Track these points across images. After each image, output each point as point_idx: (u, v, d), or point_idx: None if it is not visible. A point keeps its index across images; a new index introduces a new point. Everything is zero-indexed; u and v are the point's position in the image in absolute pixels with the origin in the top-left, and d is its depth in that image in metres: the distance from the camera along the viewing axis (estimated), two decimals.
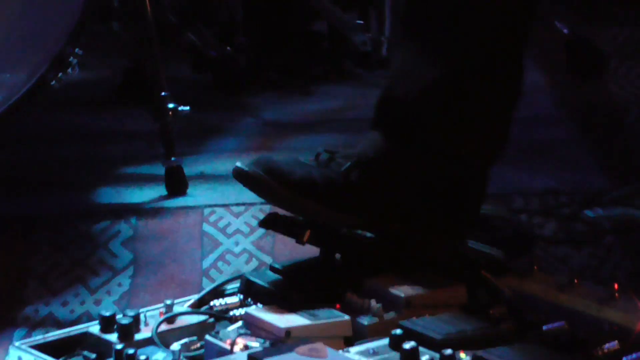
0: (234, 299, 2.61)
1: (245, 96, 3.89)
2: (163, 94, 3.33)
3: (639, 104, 3.72)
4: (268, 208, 2.99)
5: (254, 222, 3.20)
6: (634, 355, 2.33)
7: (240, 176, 2.85)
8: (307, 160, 2.92)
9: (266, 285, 2.66)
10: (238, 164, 2.86)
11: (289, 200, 2.82)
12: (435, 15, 2.90)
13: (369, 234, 2.87)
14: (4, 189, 3.37)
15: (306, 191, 2.83)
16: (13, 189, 3.40)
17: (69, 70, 3.29)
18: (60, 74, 3.28)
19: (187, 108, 3.33)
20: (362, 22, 4.07)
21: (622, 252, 3.05)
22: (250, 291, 2.62)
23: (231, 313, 2.56)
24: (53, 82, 3.25)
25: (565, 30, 3.98)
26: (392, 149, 2.91)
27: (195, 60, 3.95)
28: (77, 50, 3.28)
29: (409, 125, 2.93)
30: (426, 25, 2.93)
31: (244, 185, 2.87)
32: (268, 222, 2.89)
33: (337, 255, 2.84)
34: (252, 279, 2.69)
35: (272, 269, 2.76)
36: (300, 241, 2.74)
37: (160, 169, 3.34)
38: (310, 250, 2.76)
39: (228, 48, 3.90)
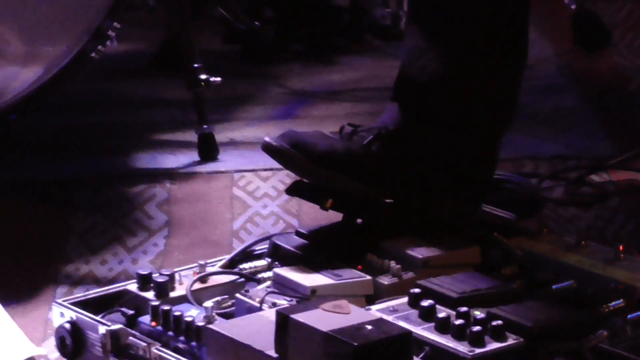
0: (262, 261, 2.61)
1: (272, 67, 3.91)
2: (196, 65, 3.34)
3: None
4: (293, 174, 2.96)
5: (281, 187, 3.20)
6: (638, 313, 2.33)
7: (268, 150, 2.86)
8: (331, 134, 2.94)
9: (292, 248, 2.67)
10: (266, 138, 2.87)
11: (313, 171, 2.82)
12: None
13: (387, 201, 2.88)
14: (47, 153, 3.38)
15: (329, 163, 2.84)
16: (55, 154, 3.41)
17: (108, 42, 3.29)
18: (99, 47, 3.28)
19: (218, 78, 3.34)
20: None
21: (626, 213, 3.06)
22: (278, 254, 2.63)
23: (260, 274, 2.56)
24: (93, 54, 3.25)
25: (572, 6, 3.99)
26: (410, 122, 2.91)
27: (226, 33, 3.96)
28: (115, 23, 3.27)
29: (425, 100, 2.94)
30: (436, 6, 2.93)
31: (272, 158, 2.87)
32: (293, 190, 2.96)
33: (358, 220, 2.84)
34: (279, 242, 2.70)
35: (298, 233, 2.79)
36: (323, 208, 2.73)
37: (193, 136, 3.36)
38: (333, 215, 2.77)
39: (256, 22, 3.90)
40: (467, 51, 2.94)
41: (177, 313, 2.36)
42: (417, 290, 2.40)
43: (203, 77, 3.35)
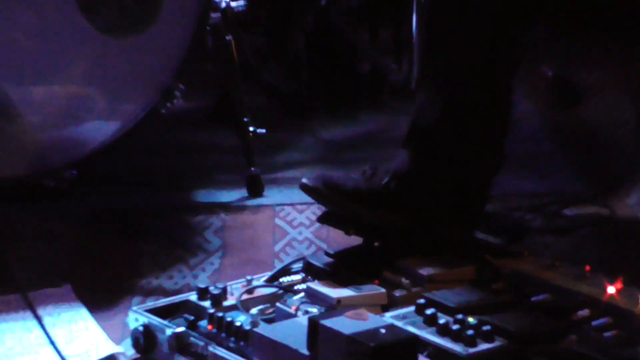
0: (298, 276, 2.62)
1: (307, 120, 3.88)
2: (245, 119, 3.33)
3: (606, 128, 3.65)
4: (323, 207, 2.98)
5: (314, 217, 3.19)
6: (600, 321, 2.33)
7: (305, 188, 2.88)
8: (355, 175, 2.93)
9: (322, 266, 2.68)
10: (303, 180, 2.89)
11: (342, 205, 2.85)
12: (443, 67, 2.94)
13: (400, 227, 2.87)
14: (124, 188, 3.38)
15: (354, 198, 2.86)
16: (130, 188, 3.40)
17: (174, 100, 3.28)
18: (167, 104, 3.27)
19: (263, 130, 3.36)
20: (396, 65, 4.05)
21: (593, 241, 3.03)
22: (310, 270, 2.65)
23: (295, 287, 2.56)
24: (162, 110, 3.26)
25: (549, 73, 3.95)
26: (418, 165, 2.91)
27: (269, 92, 3.91)
28: (180, 85, 3.27)
29: (430, 147, 2.94)
30: (438, 73, 2.94)
31: (308, 195, 2.90)
32: (324, 219, 2.97)
33: (376, 243, 2.84)
34: (312, 261, 2.71)
35: (327, 254, 2.79)
36: (347, 233, 2.79)
37: (243, 176, 3.34)
38: (355, 239, 2.81)
39: (294, 83, 3.89)
40: (464, 108, 2.94)
41: (229, 319, 2.37)
42: (422, 301, 2.42)
43: (251, 128, 3.34)
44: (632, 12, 3.95)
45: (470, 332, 2.32)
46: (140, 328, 2.47)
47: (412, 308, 2.44)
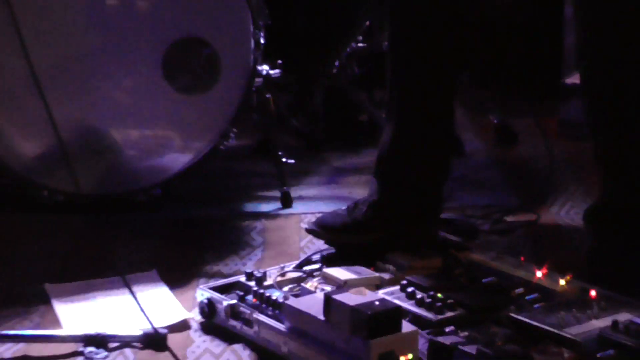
0: (316, 265, 2.63)
1: (322, 153, 3.85)
2: (279, 152, 3.32)
3: (531, 159, 3.74)
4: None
5: None
6: (531, 296, 2.35)
7: (307, 231, 2.89)
8: (342, 210, 2.92)
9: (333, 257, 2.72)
10: (305, 225, 2.97)
11: (334, 239, 2.82)
12: (395, 103, 2.83)
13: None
14: (194, 203, 3.35)
15: (343, 231, 2.82)
16: (199, 203, 3.37)
17: (229, 139, 3.28)
18: (225, 142, 3.26)
19: (292, 160, 3.37)
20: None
21: (526, 239, 3.01)
22: (325, 260, 2.68)
23: (315, 272, 2.56)
24: (221, 147, 3.25)
25: (495, 120, 3.96)
26: (383, 190, 2.84)
27: (296, 134, 3.89)
28: (234, 129, 3.26)
29: (387, 174, 2.85)
30: (391, 109, 2.87)
31: (310, 235, 2.92)
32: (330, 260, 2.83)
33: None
34: (326, 254, 2.75)
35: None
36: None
37: (277, 193, 3.31)
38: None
39: (314, 127, 3.88)
40: (410, 137, 2.82)
41: (267, 294, 2.36)
42: (404, 282, 2.41)
43: (283, 159, 3.33)
44: (538, 81, 4.09)
45: (438, 304, 2.31)
46: (205, 300, 2.46)
47: (397, 287, 2.42)
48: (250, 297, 2.43)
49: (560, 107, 3.88)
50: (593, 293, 2.35)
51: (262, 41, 3.28)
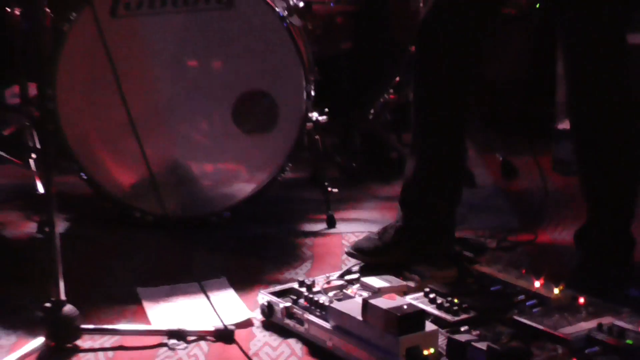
0: (356, 275, 2.60)
1: (361, 183, 3.78)
2: (325, 183, 3.26)
3: (533, 190, 3.63)
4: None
5: None
6: (531, 302, 2.32)
7: (348, 254, 2.84)
8: (374, 233, 2.90)
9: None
10: (346, 249, 2.90)
11: (369, 260, 2.77)
12: (415, 137, 2.82)
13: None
14: (257, 223, 3.30)
15: (376, 254, 2.80)
16: (261, 223, 3.32)
17: (285, 172, 3.24)
18: (282, 174, 3.23)
19: (336, 189, 3.30)
20: None
21: (526, 254, 2.98)
22: (363, 271, 2.63)
23: (354, 281, 2.53)
24: (279, 178, 3.23)
25: (500, 157, 3.92)
26: (406, 216, 2.83)
27: (340, 168, 3.85)
28: (289, 164, 3.22)
29: (411, 202, 2.83)
30: (414, 144, 2.85)
31: (351, 257, 2.86)
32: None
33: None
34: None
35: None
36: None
37: (324, 216, 3.27)
38: None
39: (353, 162, 3.85)
40: (428, 167, 2.81)
41: (316, 298, 2.34)
42: (427, 289, 2.39)
43: (329, 189, 3.27)
44: (536, 126, 4.05)
45: (455, 307, 2.31)
46: (265, 303, 2.45)
47: (421, 293, 2.41)
48: (301, 301, 2.41)
49: (554, 147, 3.86)
50: (582, 300, 2.34)
51: (312, 93, 3.27)
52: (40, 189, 3.16)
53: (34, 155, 3.36)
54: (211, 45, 3.16)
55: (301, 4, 3.38)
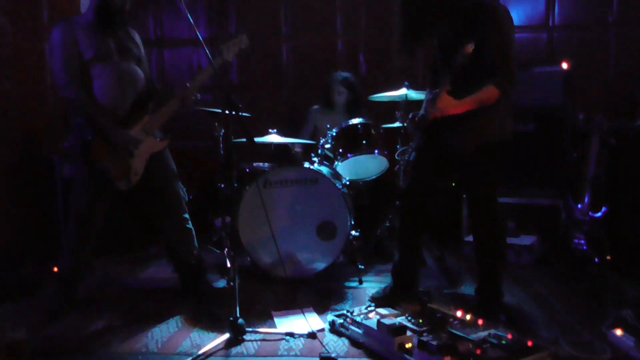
0: (373, 308, 2.48)
1: (373, 264, 3.42)
2: (358, 264, 3.13)
3: (454, 267, 3.30)
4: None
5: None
6: (456, 322, 2.21)
7: (369, 300, 2.67)
8: (381, 289, 2.69)
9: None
10: (368, 298, 2.70)
11: (378, 302, 2.57)
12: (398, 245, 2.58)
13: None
14: (327, 280, 3.06)
15: (382, 299, 2.64)
16: (327, 281, 3.10)
17: (340, 258, 3.21)
18: (338, 260, 3.19)
19: (363, 266, 3.13)
20: None
21: (452, 299, 2.75)
22: (377, 306, 2.49)
23: (372, 310, 2.45)
24: (337, 261, 3.14)
25: (438, 252, 3.52)
26: (394, 281, 2.59)
27: (364, 258, 3.50)
28: (341, 255, 3.18)
29: (395, 274, 2.60)
30: (397, 247, 2.61)
31: (370, 302, 2.62)
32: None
33: None
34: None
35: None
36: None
37: (357, 279, 3.13)
38: None
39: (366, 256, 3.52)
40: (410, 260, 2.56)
41: (355, 318, 2.32)
42: (407, 315, 2.30)
43: (359, 266, 3.12)
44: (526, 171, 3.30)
45: (420, 324, 2.22)
46: (331, 320, 2.43)
47: (404, 317, 2.30)
48: (348, 319, 2.37)
49: (464, 248, 3.39)
50: (480, 321, 2.26)
51: (352, 222, 3.15)
52: (228, 264, 3.15)
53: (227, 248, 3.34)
54: (307, 200, 3.11)
55: (347, 182, 3.25)
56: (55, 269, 2.45)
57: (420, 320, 2.21)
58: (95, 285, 2.84)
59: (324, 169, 3.08)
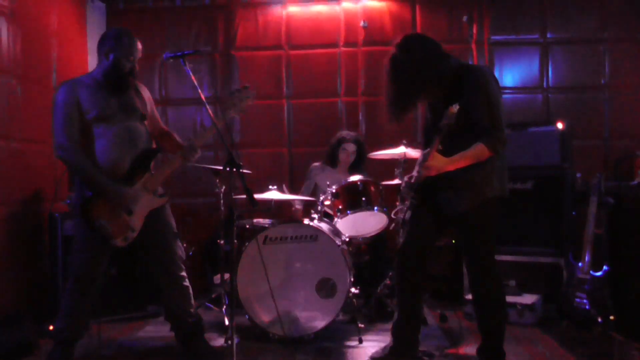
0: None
1: (374, 323, 3.43)
2: (358, 322, 3.10)
3: (453, 327, 3.31)
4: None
5: None
6: None
7: (370, 357, 2.55)
8: (384, 347, 2.68)
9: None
10: (368, 357, 2.64)
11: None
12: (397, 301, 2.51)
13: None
14: (323, 341, 3.07)
15: (381, 358, 2.54)
16: (324, 340, 3.11)
17: (339, 315, 3.12)
18: (337, 317, 3.15)
19: (363, 325, 3.04)
20: None
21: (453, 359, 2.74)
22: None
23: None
24: (336, 319, 3.10)
25: (438, 311, 3.62)
26: (394, 340, 2.54)
27: (367, 315, 3.47)
28: (341, 312, 3.08)
29: (395, 333, 2.55)
30: (396, 305, 2.55)
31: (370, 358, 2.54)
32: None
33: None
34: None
35: None
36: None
37: (357, 338, 3.09)
38: None
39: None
40: (409, 320, 2.53)
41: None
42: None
43: (359, 325, 3.13)
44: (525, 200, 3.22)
45: None
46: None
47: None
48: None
49: (464, 307, 3.36)
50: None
51: (352, 279, 3.06)
52: (226, 322, 3.11)
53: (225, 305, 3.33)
54: (306, 256, 3.10)
55: (347, 239, 3.23)
56: (51, 327, 2.54)
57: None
58: (92, 346, 2.79)
59: (324, 226, 3.07)
